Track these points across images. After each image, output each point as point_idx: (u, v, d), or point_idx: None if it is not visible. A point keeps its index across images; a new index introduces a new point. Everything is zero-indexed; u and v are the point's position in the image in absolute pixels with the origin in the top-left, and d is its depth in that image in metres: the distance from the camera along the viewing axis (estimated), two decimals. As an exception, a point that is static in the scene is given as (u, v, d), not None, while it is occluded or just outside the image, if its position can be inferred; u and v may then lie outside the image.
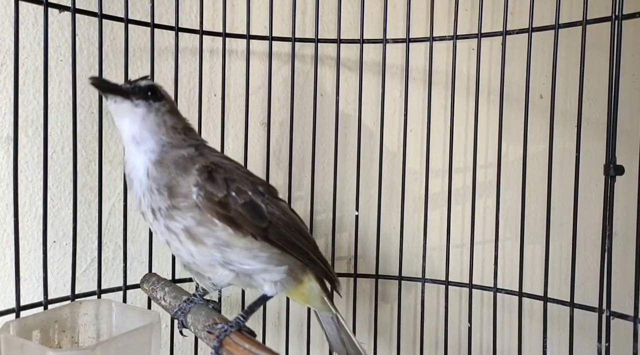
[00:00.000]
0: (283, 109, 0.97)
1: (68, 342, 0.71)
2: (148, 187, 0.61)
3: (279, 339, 0.97)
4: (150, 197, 0.61)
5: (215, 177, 0.60)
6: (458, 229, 1.06)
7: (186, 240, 0.61)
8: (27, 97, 0.78)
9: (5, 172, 0.78)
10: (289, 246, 0.64)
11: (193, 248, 0.61)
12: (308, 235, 0.69)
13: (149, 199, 0.61)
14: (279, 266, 0.64)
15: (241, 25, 0.92)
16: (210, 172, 0.60)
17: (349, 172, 1.03)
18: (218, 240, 0.60)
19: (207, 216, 0.59)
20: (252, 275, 0.64)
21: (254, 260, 0.62)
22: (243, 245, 0.61)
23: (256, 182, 0.65)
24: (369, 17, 1.02)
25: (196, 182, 0.60)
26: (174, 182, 0.60)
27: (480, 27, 0.86)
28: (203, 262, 0.62)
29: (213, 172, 0.61)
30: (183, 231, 0.60)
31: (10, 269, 0.77)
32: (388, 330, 1.07)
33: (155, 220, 0.61)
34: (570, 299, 0.80)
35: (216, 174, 0.61)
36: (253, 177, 0.66)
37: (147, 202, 0.61)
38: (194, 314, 0.67)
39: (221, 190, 0.60)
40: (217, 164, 0.62)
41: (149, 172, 0.61)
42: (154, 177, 0.61)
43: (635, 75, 1.37)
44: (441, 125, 1.06)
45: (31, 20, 0.79)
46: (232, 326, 0.61)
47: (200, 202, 0.59)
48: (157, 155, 0.61)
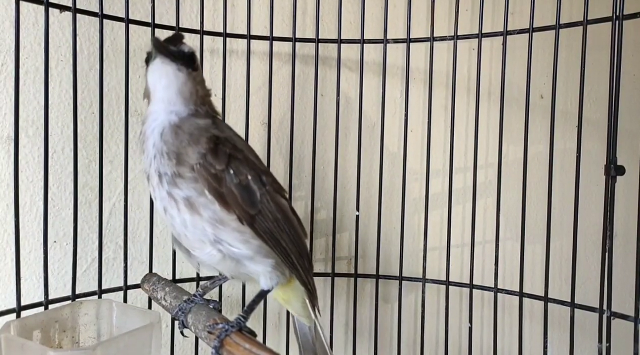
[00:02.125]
0: (283, 109, 0.97)
1: (69, 342, 0.71)
2: (160, 150, 0.62)
3: (279, 339, 0.97)
4: (160, 160, 0.62)
5: (219, 149, 0.61)
6: (458, 229, 1.06)
7: (184, 209, 0.61)
8: (27, 97, 0.78)
9: (6, 172, 0.78)
10: (273, 242, 0.63)
11: (188, 217, 0.61)
12: (299, 240, 0.67)
13: (158, 162, 0.62)
14: (266, 258, 0.64)
15: (241, 25, 0.92)
16: (216, 143, 0.61)
17: (349, 172, 1.02)
18: (214, 215, 0.61)
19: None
20: (240, 260, 0.63)
21: (243, 244, 0.62)
22: (236, 226, 0.61)
23: (262, 171, 0.65)
24: (370, 17, 1.01)
25: (199, 150, 0.60)
26: (183, 150, 0.61)
27: (480, 27, 0.86)
28: (194, 235, 0.62)
29: (220, 144, 0.61)
30: (183, 199, 0.61)
31: (10, 269, 0.77)
32: (388, 331, 1.07)
33: (160, 184, 0.62)
34: (571, 299, 0.80)
35: (222, 146, 0.61)
36: (262, 167, 0.66)
37: (155, 164, 0.62)
38: (194, 314, 0.66)
39: (220, 164, 0.60)
40: (227, 138, 0.62)
41: (163, 134, 0.62)
42: (166, 141, 0.61)
43: (635, 75, 1.37)
44: (441, 126, 1.06)
45: (32, 20, 0.79)
46: (232, 326, 0.61)
47: (197, 170, 0.60)
48: (178, 121, 0.62)
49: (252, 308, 0.65)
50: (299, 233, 0.68)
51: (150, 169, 0.63)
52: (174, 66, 0.62)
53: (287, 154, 0.92)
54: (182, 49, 0.63)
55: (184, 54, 0.63)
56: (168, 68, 0.62)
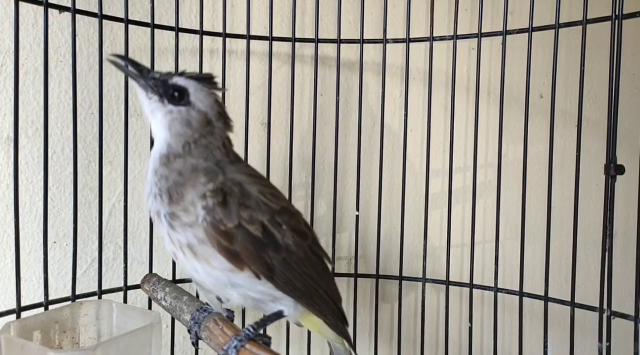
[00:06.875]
0: (283, 109, 0.97)
1: (69, 343, 0.71)
2: (153, 184, 0.58)
3: (279, 339, 0.97)
4: (152, 198, 0.58)
5: (229, 201, 0.55)
6: (458, 229, 1.06)
7: (190, 256, 0.56)
8: (27, 98, 0.78)
9: (6, 173, 0.78)
10: (297, 293, 0.59)
11: (197, 265, 0.56)
12: (324, 282, 0.62)
13: (152, 200, 0.58)
14: (289, 298, 0.60)
15: (241, 26, 0.92)
16: (224, 195, 0.55)
17: (349, 172, 1.02)
18: (225, 265, 0.56)
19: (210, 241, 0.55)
20: (261, 301, 0.60)
21: (263, 294, 0.59)
22: (254, 279, 0.57)
23: (277, 212, 0.58)
24: (369, 17, 1.01)
25: (205, 204, 0.54)
26: (178, 190, 0.56)
27: (480, 27, 0.86)
28: (208, 280, 0.58)
29: (227, 195, 0.55)
30: (186, 246, 0.56)
31: (10, 270, 0.77)
32: (389, 331, 1.07)
33: (160, 223, 0.58)
34: (571, 298, 0.80)
35: (230, 197, 0.55)
36: (275, 204, 0.59)
37: (149, 201, 0.58)
38: (207, 327, 0.63)
39: (231, 220, 0.55)
40: (234, 183, 0.57)
41: (157, 168, 0.58)
42: (161, 175, 0.57)
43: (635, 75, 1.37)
44: (441, 125, 1.06)
45: (31, 20, 0.79)
46: (241, 340, 0.58)
47: (205, 229, 0.54)
48: (173, 154, 0.57)
49: (265, 324, 0.61)
50: (324, 276, 0.63)
51: (148, 205, 0.59)
52: (159, 104, 0.58)
53: (287, 154, 0.92)
54: (166, 81, 0.57)
55: (166, 88, 0.57)
56: (156, 105, 0.58)
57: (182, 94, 0.58)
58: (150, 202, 0.59)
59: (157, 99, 0.58)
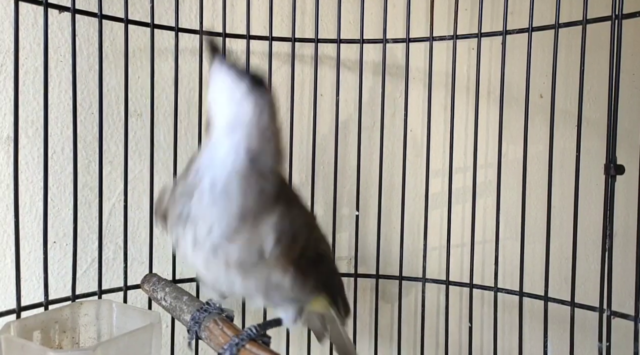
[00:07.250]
0: (283, 109, 0.97)
1: (69, 343, 0.71)
2: (215, 196, 0.50)
3: (279, 339, 0.97)
4: (209, 210, 0.50)
5: (297, 232, 0.54)
6: (458, 229, 1.06)
7: (236, 272, 0.54)
8: (27, 98, 0.78)
9: (6, 173, 0.78)
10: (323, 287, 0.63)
11: (239, 281, 0.55)
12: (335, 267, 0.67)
13: (208, 211, 0.50)
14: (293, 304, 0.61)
15: (241, 26, 0.92)
16: (291, 223, 0.53)
17: (349, 172, 1.02)
18: (270, 278, 0.56)
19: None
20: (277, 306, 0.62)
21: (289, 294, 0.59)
22: (288, 286, 0.57)
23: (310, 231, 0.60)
24: (369, 17, 1.01)
25: (272, 236, 0.52)
26: (248, 211, 0.50)
27: (480, 26, 0.86)
28: (240, 291, 0.58)
29: (292, 222, 0.53)
30: (235, 263, 0.53)
31: (10, 270, 0.77)
32: (388, 330, 1.07)
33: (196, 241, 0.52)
34: (571, 298, 0.80)
35: (298, 227, 0.54)
36: (311, 220, 0.63)
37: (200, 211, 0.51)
38: (207, 327, 0.63)
39: (296, 251, 0.54)
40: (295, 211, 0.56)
41: (229, 178, 0.50)
42: (231, 189, 0.50)
43: (635, 75, 1.37)
44: (441, 125, 1.06)
45: (31, 20, 0.79)
46: (242, 339, 0.59)
47: (275, 257, 0.52)
48: (248, 162, 0.50)
49: (266, 328, 0.61)
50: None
51: (183, 209, 0.52)
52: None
53: (287, 154, 0.92)
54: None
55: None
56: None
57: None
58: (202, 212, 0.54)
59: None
